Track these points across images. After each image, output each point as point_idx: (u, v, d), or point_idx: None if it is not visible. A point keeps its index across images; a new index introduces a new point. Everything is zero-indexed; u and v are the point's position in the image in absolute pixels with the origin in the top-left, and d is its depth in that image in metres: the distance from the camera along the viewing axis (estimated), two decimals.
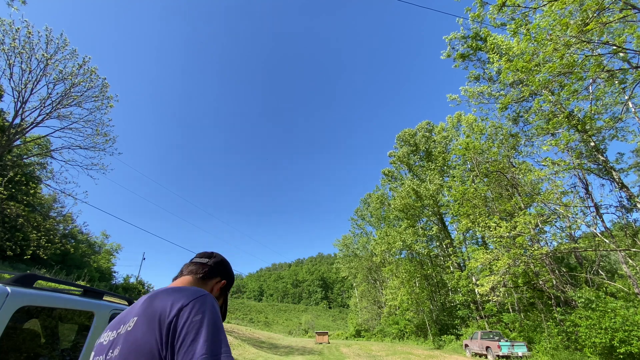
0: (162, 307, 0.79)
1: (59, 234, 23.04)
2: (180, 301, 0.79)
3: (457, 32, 17.09)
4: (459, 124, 28.60)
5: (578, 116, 12.79)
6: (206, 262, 1.16)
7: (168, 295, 0.83)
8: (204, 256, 1.19)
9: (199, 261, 1.16)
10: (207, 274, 1.12)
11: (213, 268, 1.15)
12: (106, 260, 39.47)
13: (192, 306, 0.78)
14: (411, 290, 25.15)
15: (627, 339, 10.03)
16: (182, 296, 0.81)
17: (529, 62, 9.82)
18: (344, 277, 54.37)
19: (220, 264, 1.20)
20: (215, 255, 1.22)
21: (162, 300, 0.81)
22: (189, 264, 1.16)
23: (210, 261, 1.17)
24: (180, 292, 0.84)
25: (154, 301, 0.83)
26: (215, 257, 1.21)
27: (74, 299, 2.09)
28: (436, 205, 27.46)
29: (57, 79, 14.69)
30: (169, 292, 0.86)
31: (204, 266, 1.13)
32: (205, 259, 1.18)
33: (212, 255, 1.22)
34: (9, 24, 13.05)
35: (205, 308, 0.78)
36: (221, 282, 1.16)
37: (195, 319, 0.75)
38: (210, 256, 1.21)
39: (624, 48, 8.90)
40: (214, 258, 1.20)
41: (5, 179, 13.95)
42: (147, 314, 0.80)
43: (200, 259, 1.17)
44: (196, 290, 0.85)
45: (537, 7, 8.15)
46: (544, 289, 16.05)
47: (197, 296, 0.82)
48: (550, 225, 16.03)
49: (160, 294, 0.86)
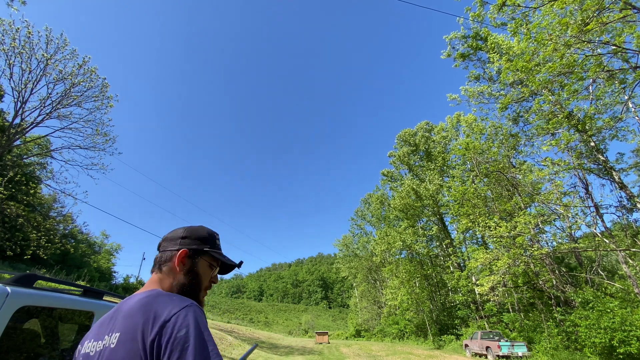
0: (143, 323, 0.74)
1: (59, 234, 23.03)
2: (162, 316, 0.74)
3: (458, 31, 17.11)
4: (458, 124, 28.59)
5: (578, 116, 12.79)
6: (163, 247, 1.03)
7: (148, 308, 0.77)
8: (166, 239, 1.05)
9: (162, 247, 1.03)
10: (166, 259, 0.99)
11: (171, 246, 1.01)
12: (106, 260, 39.49)
13: (174, 321, 0.73)
14: (411, 290, 25.15)
15: (627, 339, 10.03)
16: (163, 309, 0.76)
17: (529, 62, 9.82)
18: (344, 277, 54.38)
19: (179, 237, 1.03)
20: (173, 230, 1.06)
21: (142, 315, 0.76)
22: (158, 250, 1.05)
23: (164, 239, 1.05)
24: (161, 304, 0.78)
25: (134, 316, 0.78)
26: (172, 232, 1.06)
27: (74, 299, 2.09)
28: (436, 205, 27.46)
29: (57, 79, 14.69)
30: (149, 302, 0.80)
31: (164, 253, 1.01)
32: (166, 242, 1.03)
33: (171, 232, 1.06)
34: (9, 24, 13.04)
35: (189, 321, 0.74)
36: (185, 257, 0.99)
37: (179, 335, 0.70)
38: (169, 234, 1.06)
39: (624, 48, 8.90)
40: (170, 233, 1.05)
41: (5, 179, 13.95)
42: (129, 331, 0.75)
43: (159, 242, 1.05)
44: (178, 301, 0.79)
45: (537, 7, 8.15)
46: (544, 289, 16.05)
47: (180, 308, 0.76)
48: (550, 225, 16.04)
49: (139, 306, 0.80)
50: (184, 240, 1.01)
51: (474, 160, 18.22)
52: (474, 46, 17.22)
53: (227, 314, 53.11)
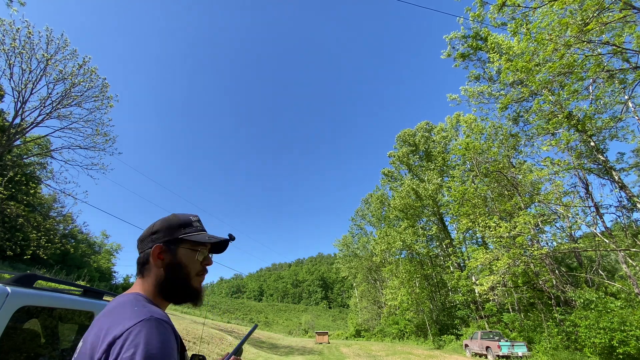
0: (95, 337, 0.67)
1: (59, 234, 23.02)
2: (113, 332, 0.65)
3: (458, 31, 17.11)
4: (457, 124, 28.59)
5: (578, 116, 12.79)
6: (140, 249, 0.95)
7: (106, 320, 0.71)
8: (140, 240, 0.96)
9: (139, 248, 0.95)
10: (142, 261, 0.92)
11: (143, 245, 0.94)
12: (106, 260, 39.51)
13: (124, 338, 0.63)
14: (411, 290, 25.15)
15: (626, 340, 10.03)
16: (118, 323, 0.67)
17: (529, 62, 9.82)
18: (344, 277, 54.37)
19: (151, 232, 0.95)
20: (148, 226, 0.98)
21: (99, 326, 0.69)
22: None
23: (138, 240, 0.96)
24: (117, 316, 0.70)
25: (93, 326, 0.72)
26: (146, 228, 0.97)
27: (74, 299, 2.09)
28: (436, 205, 27.47)
29: (57, 79, 14.69)
30: (109, 312, 0.74)
31: (141, 255, 0.93)
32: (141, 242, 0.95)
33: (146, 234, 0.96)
34: (9, 24, 13.05)
35: (140, 340, 0.63)
36: (161, 251, 0.92)
37: (125, 355, 0.61)
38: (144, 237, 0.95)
39: (624, 48, 8.90)
40: (144, 230, 0.97)
41: (5, 179, 13.95)
42: (88, 342, 0.69)
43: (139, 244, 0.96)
44: (135, 314, 0.69)
45: (537, 7, 8.15)
46: (544, 289, 16.05)
47: (134, 323, 0.66)
48: (550, 225, 16.04)
49: (104, 314, 0.75)
50: (156, 235, 0.94)
51: (473, 160, 18.22)
52: (474, 46, 17.23)
53: (227, 314, 53.11)
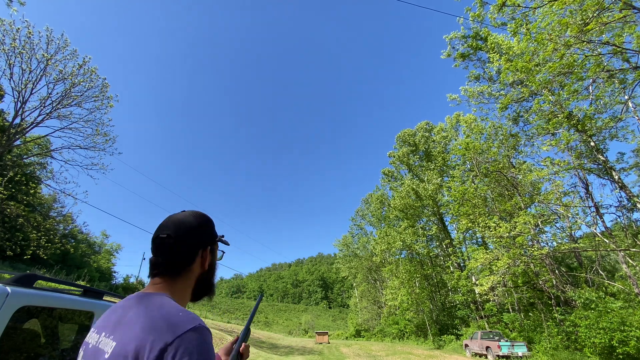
0: (137, 346, 0.64)
1: (59, 234, 23.02)
2: (164, 338, 0.63)
3: (458, 31, 17.11)
4: (457, 124, 28.61)
5: (578, 116, 12.79)
6: (172, 244, 0.85)
7: (150, 324, 0.67)
8: (166, 228, 0.87)
9: (164, 244, 0.86)
10: (184, 262, 0.87)
11: (188, 245, 0.88)
12: (106, 260, 39.52)
13: (177, 345, 0.62)
14: (411, 290, 25.16)
15: (625, 340, 10.03)
16: (167, 329, 0.65)
17: (529, 62, 9.83)
18: (344, 277, 54.39)
19: (196, 231, 0.90)
20: (182, 222, 0.89)
21: (142, 331, 0.66)
22: (155, 250, 0.87)
23: (176, 238, 0.86)
24: (165, 322, 0.67)
25: (133, 329, 0.68)
26: (182, 225, 0.88)
27: (74, 299, 2.09)
28: (436, 205, 27.47)
29: (57, 79, 14.70)
30: (153, 316, 0.69)
31: (173, 253, 0.85)
32: (167, 233, 0.86)
33: (177, 223, 0.88)
34: (10, 24, 13.06)
35: (193, 349, 0.63)
36: (206, 252, 0.92)
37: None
38: (176, 227, 0.87)
39: (624, 48, 8.90)
40: (182, 228, 0.88)
41: (5, 179, 13.95)
42: (124, 345, 0.66)
43: (163, 238, 0.86)
44: (184, 320, 0.68)
45: (537, 7, 8.15)
46: (544, 289, 16.05)
47: (185, 330, 0.65)
48: (550, 225, 16.04)
49: (143, 318, 0.70)
50: (203, 234, 0.92)
51: (473, 160, 18.22)
52: (474, 46, 17.23)
53: (227, 314, 53.12)
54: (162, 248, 0.86)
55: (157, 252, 0.86)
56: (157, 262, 0.86)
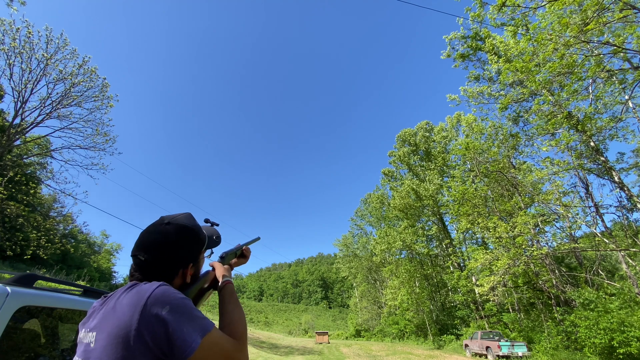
0: (122, 324, 0.71)
1: (59, 234, 23.04)
2: (141, 302, 0.71)
3: (457, 32, 17.08)
4: (458, 124, 28.63)
5: (578, 116, 12.79)
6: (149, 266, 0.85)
7: (122, 307, 0.73)
8: (142, 250, 0.86)
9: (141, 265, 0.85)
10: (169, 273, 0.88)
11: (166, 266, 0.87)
12: (106, 260, 39.53)
13: (150, 305, 0.70)
14: (411, 290, 25.16)
15: (626, 340, 10.03)
16: (139, 297, 0.72)
17: (529, 62, 9.83)
18: (344, 277, 54.38)
19: (176, 251, 0.88)
20: (160, 243, 0.86)
21: (119, 316, 0.72)
22: (134, 266, 0.88)
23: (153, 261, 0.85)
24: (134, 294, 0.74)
25: (105, 318, 0.75)
26: (160, 246, 0.86)
27: (74, 299, 2.09)
28: (436, 205, 27.48)
29: (57, 78, 14.70)
30: (122, 301, 0.75)
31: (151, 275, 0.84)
32: (143, 257, 0.85)
33: (154, 244, 0.86)
34: (9, 23, 13.05)
35: (165, 299, 0.72)
36: (187, 269, 0.92)
37: (163, 310, 0.71)
38: (153, 248, 0.85)
39: (624, 48, 8.90)
40: (159, 249, 0.85)
41: (5, 179, 13.95)
42: (111, 335, 0.71)
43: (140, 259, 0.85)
44: (148, 286, 0.75)
45: (537, 7, 8.15)
46: (544, 289, 16.05)
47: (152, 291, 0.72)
48: (550, 225, 16.04)
49: (111, 307, 0.76)
50: (182, 251, 0.90)
51: (474, 160, 18.23)
52: (474, 47, 17.21)
53: None
54: (140, 268, 0.86)
55: (137, 270, 0.86)
56: (134, 275, 0.87)
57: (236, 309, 0.91)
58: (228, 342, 0.77)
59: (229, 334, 0.81)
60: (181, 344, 0.67)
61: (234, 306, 0.92)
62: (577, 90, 10.79)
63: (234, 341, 0.79)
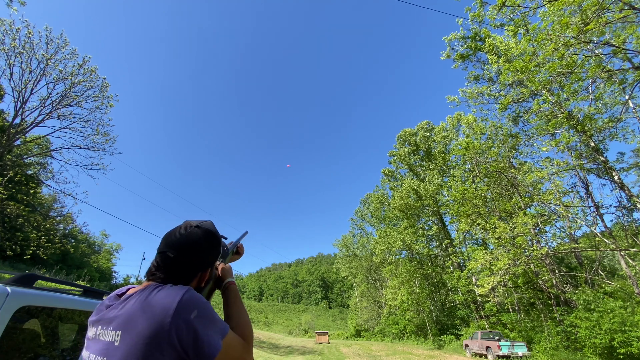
0: (151, 325, 0.74)
1: (59, 233, 23.03)
2: (167, 311, 0.73)
3: (457, 32, 17.06)
4: (458, 124, 28.62)
5: (578, 116, 12.79)
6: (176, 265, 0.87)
7: (149, 308, 0.76)
8: (174, 248, 0.87)
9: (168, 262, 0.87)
10: (183, 281, 0.87)
11: (191, 268, 0.89)
12: (106, 260, 39.52)
13: (179, 310, 0.75)
14: (411, 290, 25.16)
15: (627, 340, 10.03)
16: (165, 305, 0.75)
17: (529, 62, 9.83)
18: (344, 277, 54.37)
19: (203, 255, 0.92)
20: (192, 244, 0.89)
21: (144, 317, 0.75)
22: (158, 262, 0.88)
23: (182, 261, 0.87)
24: (162, 297, 0.76)
25: (133, 317, 0.77)
26: (192, 247, 0.88)
27: (74, 299, 2.09)
28: (436, 205, 27.48)
29: (57, 78, 14.70)
30: (146, 302, 0.77)
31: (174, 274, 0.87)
32: (174, 254, 0.86)
33: (187, 244, 0.88)
34: (9, 24, 13.05)
35: (194, 304, 0.77)
36: (206, 272, 0.95)
37: (192, 316, 0.76)
38: (185, 248, 0.87)
39: (624, 48, 8.90)
40: (190, 251, 0.88)
41: (5, 179, 13.95)
42: (136, 336, 0.73)
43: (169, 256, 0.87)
44: (175, 291, 0.78)
45: (537, 7, 8.15)
46: (544, 289, 16.05)
47: (181, 297, 0.76)
48: (550, 225, 16.03)
49: (135, 306, 0.78)
50: (207, 255, 0.93)
51: (474, 160, 18.23)
52: (473, 47, 17.18)
53: None
54: (165, 265, 0.87)
55: (159, 266, 0.88)
56: (155, 274, 0.88)
57: (242, 311, 0.98)
58: (240, 343, 0.85)
59: (239, 335, 0.88)
60: (207, 347, 0.73)
61: (239, 308, 0.99)
62: (577, 91, 10.79)
63: (244, 343, 0.87)
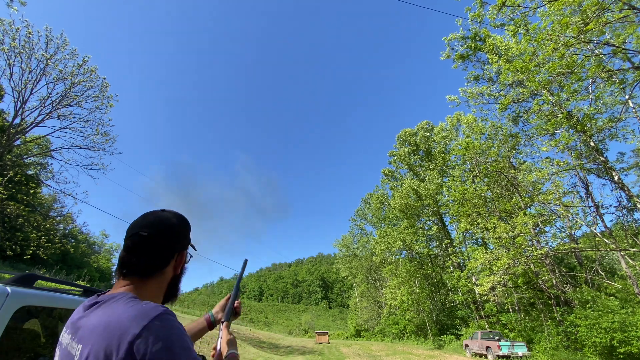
0: (106, 346, 0.62)
1: (59, 233, 23.00)
2: (130, 334, 0.62)
3: (457, 32, 17.06)
4: (458, 124, 28.62)
5: (577, 116, 12.78)
6: (152, 244, 0.82)
7: (112, 323, 0.65)
8: (142, 226, 0.84)
9: (143, 243, 0.82)
10: (160, 265, 0.84)
11: (167, 248, 0.85)
12: (106, 260, 39.56)
13: (145, 336, 0.62)
14: (411, 290, 25.16)
15: (627, 340, 10.03)
16: (131, 322, 0.64)
17: (529, 62, 9.83)
18: (344, 277, 54.36)
19: (177, 233, 0.88)
20: (164, 222, 0.87)
21: (104, 334, 0.64)
22: (130, 247, 0.82)
23: (157, 238, 0.83)
24: (126, 316, 0.65)
25: (92, 334, 0.66)
26: (165, 225, 0.86)
27: (74, 299, 2.09)
28: (436, 205, 27.48)
29: (57, 78, 14.69)
30: (110, 317, 0.67)
31: (150, 254, 0.82)
32: (148, 232, 0.82)
33: (159, 222, 0.86)
34: (9, 23, 13.05)
35: (162, 334, 0.64)
36: (182, 255, 0.91)
37: (154, 349, 0.61)
38: (158, 226, 0.84)
39: (624, 48, 8.91)
40: (164, 228, 0.85)
41: (5, 179, 13.95)
42: (94, 348, 0.63)
43: (144, 236, 0.82)
44: (147, 310, 0.67)
45: (537, 7, 8.14)
46: (544, 289, 16.05)
47: (150, 319, 0.65)
48: (550, 225, 16.03)
49: (97, 320, 0.68)
50: (180, 235, 0.90)
51: (473, 160, 18.23)
52: (473, 47, 17.17)
53: None
54: (140, 247, 0.82)
55: (133, 250, 0.81)
56: (130, 261, 0.81)
57: None
58: None
59: None
60: None
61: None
62: (577, 91, 10.79)
63: None
